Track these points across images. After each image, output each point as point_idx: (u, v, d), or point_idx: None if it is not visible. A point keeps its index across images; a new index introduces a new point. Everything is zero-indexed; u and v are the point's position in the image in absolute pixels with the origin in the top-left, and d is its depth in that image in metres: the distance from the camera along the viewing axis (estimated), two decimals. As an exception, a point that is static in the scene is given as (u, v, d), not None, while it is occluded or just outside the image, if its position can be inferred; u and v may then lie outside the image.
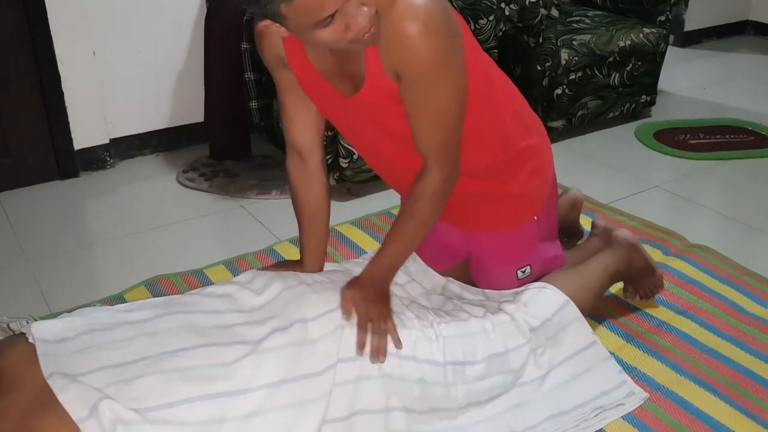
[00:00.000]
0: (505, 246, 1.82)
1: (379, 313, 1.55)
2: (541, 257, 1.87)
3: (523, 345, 1.66)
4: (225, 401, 1.38)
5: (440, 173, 1.49)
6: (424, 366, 1.55)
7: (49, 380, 1.32)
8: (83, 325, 1.47)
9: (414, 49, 1.34)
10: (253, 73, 3.00)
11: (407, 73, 1.38)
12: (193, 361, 1.41)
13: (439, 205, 1.55)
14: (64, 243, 2.51)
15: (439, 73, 1.38)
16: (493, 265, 1.84)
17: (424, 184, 1.51)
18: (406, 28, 1.33)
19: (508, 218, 1.79)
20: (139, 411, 1.32)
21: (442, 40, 1.36)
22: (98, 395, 1.31)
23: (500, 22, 2.94)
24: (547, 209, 1.85)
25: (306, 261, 1.79)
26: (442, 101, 1.42)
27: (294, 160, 1.71)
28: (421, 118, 1.45)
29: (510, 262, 1.83)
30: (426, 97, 1.41)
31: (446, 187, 1.52)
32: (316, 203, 1.74)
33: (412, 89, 1.41)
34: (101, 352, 1.41)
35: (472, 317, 1.69)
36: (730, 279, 2.24)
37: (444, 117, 1.45)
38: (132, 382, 1.35)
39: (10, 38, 2.71)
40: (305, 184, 1.72)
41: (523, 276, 1.84)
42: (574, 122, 3.31)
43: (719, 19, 4.94)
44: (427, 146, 1.48)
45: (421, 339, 1.57)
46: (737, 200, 2.83)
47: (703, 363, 1.88)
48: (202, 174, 2.97)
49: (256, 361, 1.44)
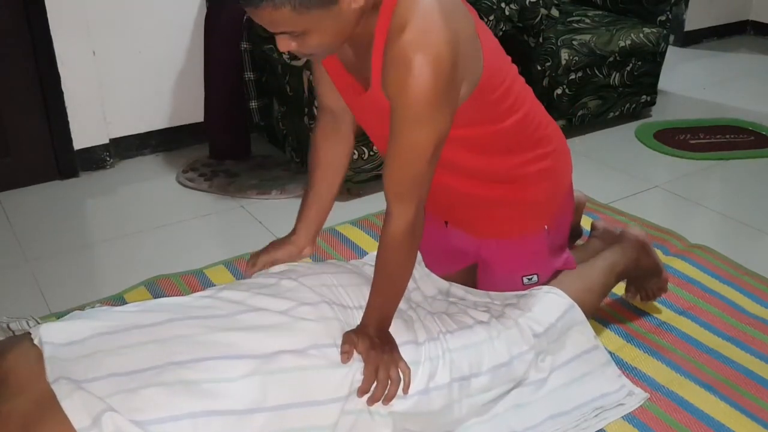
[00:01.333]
0: (513, 253, 1.79)
1: (389, 361, 1.48)
2: (550, 266, 1.84)
3: (527, 352, 1.66)
4: (228, 419, 1.36)
5: (403, 217, 1.43)
6: (432, 394, 1.53)
7: (54, 385, 1.30)
8: (91, 328, 1.44)
9: (409, 81, 1.32)
10: (253, 73, 3.00)
11: (395, 100, 1.36)
12: (200, 375, 1.38)
13: (408, 250, 1.49)
14: (64, 243, 2.51)
15: (426, 112, 1.35)
16: (499, 271, 1.83)
17: (389, 232, 1.45)
18: (408, 58, 1.31)
19: (518, 226, 1.76)
20: (141, 423, 1.29)
21: (440, 82, 1.33)
22: (102, 405, 1.28)
23: (500, 22, 2.94)
24: (559, 218, 1.82)
25: (300, 230, 1.73)
26: (419, 140, 1.38)
27: (326, 120, 1.69)
28: (393, 148, 1.40)
29: (517, 270, 1.81)
30: (405, 130, 1.37)
31: (412, 231, 1.45)
32: (337, 166, 1.71)
33: (395, 117, 1.37)
34: (108, 357, 1.38)
35: (477, 323, 1.67)
36: (730, 279, 2.24)
37: (417, 155, 1.39)
38: (136, 392, 1.32)
39: (9, 38, 2.71)
40: (333, 145, 1.69)
41: (528, 282, 1.82)
42: (574, 122, 3.31)
43: (719, 19, 4.94)
44: (392, 181, 1.43)
45: (428, 368, 1.54)
46: (737, 200, 2.83)
47: (703, 363, 1.88)
48: (202, 174, 2.97)
49: (265, 381, 1.41)
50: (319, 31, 1.30)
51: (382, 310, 1.54)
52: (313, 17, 1.26)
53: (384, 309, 1.54)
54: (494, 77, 1.52)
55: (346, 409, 1.46)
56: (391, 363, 1.48)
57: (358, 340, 1.48)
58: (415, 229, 1.46)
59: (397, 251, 1.48)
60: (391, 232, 1.45)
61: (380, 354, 1.48)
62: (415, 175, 1.41)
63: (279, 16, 1.25)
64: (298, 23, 1.27)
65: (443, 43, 1.32)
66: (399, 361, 1.50)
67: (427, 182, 1.44)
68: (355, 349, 1.48)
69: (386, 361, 1.48)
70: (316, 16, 1.26)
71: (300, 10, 1.24)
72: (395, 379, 1.48)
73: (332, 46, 1.37)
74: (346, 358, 1.46)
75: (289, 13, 1.24)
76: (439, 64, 1.32)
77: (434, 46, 1.31)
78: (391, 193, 1.44)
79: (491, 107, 1.55)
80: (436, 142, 1.39)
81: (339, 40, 1.35)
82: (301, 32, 1.30)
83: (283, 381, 1.42)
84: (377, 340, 1.49)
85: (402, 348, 1.53)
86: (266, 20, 1.28)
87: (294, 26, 1.28)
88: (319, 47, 1.35)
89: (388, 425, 1.50)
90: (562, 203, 1.82)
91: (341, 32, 1.33)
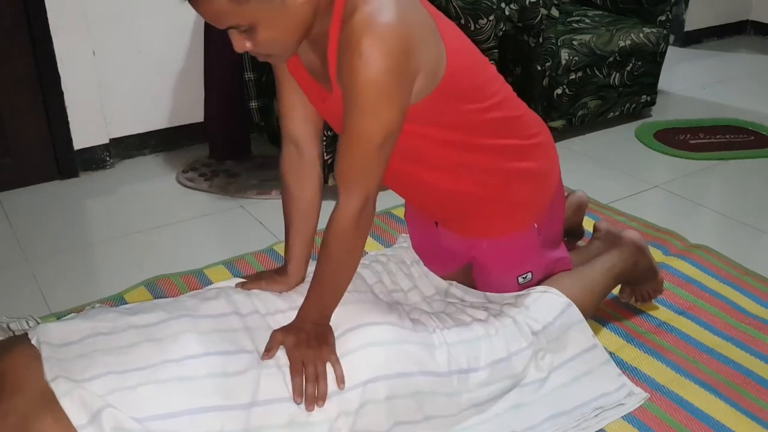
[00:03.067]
0: (504, 252, 1.79)
1: (315, 356, 1.45)
2: (543, 263, 1.84)
3: (526, 348, 1.66)
4: (225, 415, 1.37)
5: (350, 205, 1.40)
6: (419, 378, 1.52)
7: (53, 384, 1.31)
8: (88, 328, 1.46)
9: (357, 65, 1.29)
10: (253, 73, 3.00)
11: (346, 89, 1.34)
12: (196, 371, 1.39)
13: (351, 242, 1.45)
14: (63, 243, 2.51)
15: (375, 99, 1.32)
16: (493, 271, 1.82)
17: (333, 221, 1.43)
18: (357, 41, 1.28)
19: (506, 224, 1.76)
20: (140, 420, 1.31)
21: (390, 66, 1.30)
22: (101, 403, 1.30)
23: (500, 22, 2.93)
24: (549, 216, 1.82)
25: (291, 267, 1.69)
26: (368, 126, 1.34)
27: (290, 152, 1.64)
28: (343, 136, 1.38)
29: (510, 269, 1.80)
30: (354, 116, 1.34)
31: (357, 223, 1.42)
32: (309, 199, 1.66)
33: (345, 105, 1.35)
34: (106, 356, 1.39)
35: (475, 321, 1.68)
36: (730, 279, 2.24)
37: (365, 142, 1.36)
38: (135, 389, 1.34)
39: (9, 38, 2.71)
40: (299, 178, 1.65)
41: (524, 282, 1.81)
42: (574, 122, 3.31)
43: (719, 19, 4.94)
44: (341, 169, 1.41)
45: (414, 351, 1.54)
46: (737, 200, 2.83)
47: (703, 363, 1.88)
48: (202, 174, 2.97)
49: (261, 375, 1.42)
50: (266, 25, 1.28)
51: (320, 303, 1.51)
52: (255, 9, 1.25)
53: (323, 302, 1.52)
54: (464, 77, 1.49)
55: (343, 405, 1.46)
56: (317, 358, 1.45)
57: (285, 338, 1.47)
58: (360, 221, 1.42)
59: (340, 241, 1.45)
60: (335, 221, 1.43)
61: (305, 350, 1.45)
62: (363, 164, 1.38)
63: (218, 7, 1.24)
64: (242, 16, 1.25)
65: (393, 27, 1.30)
66: (329, 355, 1.47)
67: (376, 173, 1.40)
68: (279, 344, 1.46)
69: (311, 357, 1.44)
70: (257, 7, 1.25)
71: (240, 1, 1.23)
72: (321, 373, 1.44)
73: (287, 44, 1.35)
74: (266, 356, 1.44)
75: (227, 4, 1.23)
76: (388, 47, 1.29)
77: (383, 28, 1.29)
78: (339, 181, 1.42)
79: (463, 108, 1.53)
80: (386, 132, 1.36)
81: (292, 37, 1.33)
82: (248, 26, 1.28)
83: (275, 375, 1.44)
84: (304, 336, 1.47)
85: None
86: (209, 14, 1.27)
87: (238, 19, 1.26)
88: (272, 44, 1.32)
89: (383, 412, 1.49)
90: (551, 201, 1.80)
91: (292, 28, 1.31)
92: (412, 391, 1.52)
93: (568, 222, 2.11)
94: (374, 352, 1.51)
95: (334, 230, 1.44)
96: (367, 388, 1.47)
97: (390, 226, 2.52)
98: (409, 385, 1.51)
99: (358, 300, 1.63)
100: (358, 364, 1.48)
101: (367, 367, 1.49)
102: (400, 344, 1.53)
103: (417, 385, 1.52)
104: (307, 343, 1.46)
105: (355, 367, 1.48)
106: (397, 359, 1.51)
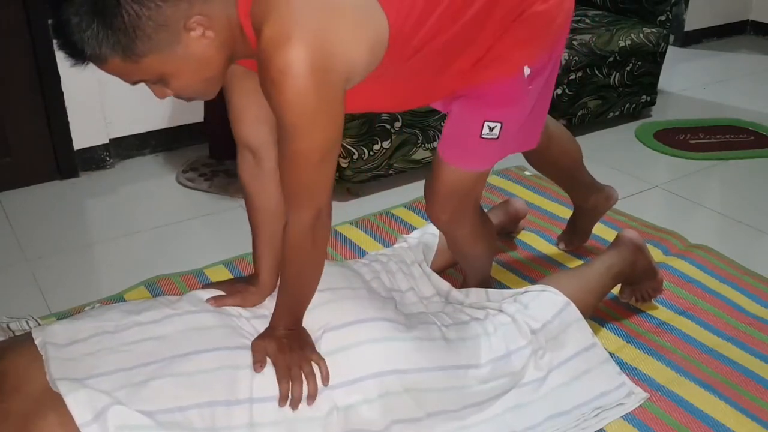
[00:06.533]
0: (485, 91, 1.56)
1: (299, 358, 1.45)
2: (517, 120, 1.61)
3: (525, 347, 1.66)
4: (233, 409, 1.38)
5: (301, 222, 1.35)
6: (414, 375, 1.52)
7: (58, 383, 1.31)
8: (93, 327, 1.47)
9: (272, 93, 1.21)
10: (252, 73, 3.00)
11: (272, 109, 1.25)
12: (203, 365, 1.41)
13: (310, 257, 1.43)
14: (64, 243, 2.51)
15: (299, 120, 1.22)
16: (465, 110, 1.60)
17: (288, 237, 1.39)
18: (266, 68, 1.19)
19: (497, 63, 1.52)
20: (150, 414, 1.31)
21: (304, 84, 1.18)
22: (107, 400, 1.30)
23: (500, 22, 2.93)
24: (545, 63, 1.58)
25: (262, 278, 1.63)
26: (301, 148, 1.26)
27: (246, 160, 1.56)
28: (279, 158, 1.31)
29: (482, 108, 1.57)
30: (285, 137, 1.26)
31: (314, 236, 1.38)
32: (272, 209, 1.57)
33: (277, 125, 1.27)
34: (112, 354, 1.40)
35: (473, 320, 1.69)
36: (731, 279, 2.24)
37: (303, 163, 1.29)
38: (144, 384, 1.35)
39: (9, 38, 2.71)
40: (261, 188, 1.56)
41: (488, 134, 1.58)
42: (574, 122, 3.31)
43: (719, 19, 4.94)
44: (285, 189, 1.35)
45: (417, 347, 1.54)
46: (737, 200, 2.83)
47: (703, 363, 1.88)
48: (202, 174, 2.97)
49: (267, 372, 1.44)
50: (173, 75, 1.22)
51: (290, 309, 1.51)
52: (154, 63, 1.18)
53: (292, 309, 1.51)
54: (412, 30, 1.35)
55: (338, 402, 1.47)
56: (302, 359, 1.45)
57: (266, 345, 1.47)
58: (316, 234, 1.38)
59: (297, 255, 1.41)
60: (289, 237, 1.39)
61: (289, 354, 1.45)
62: (306, 183, 1.32)
63: (116, 68, 1.18)
64: (144, 72, 1.19)
65: (298, 46, 1.18)
66: (311, 354, 1.47)
67: (323, 186, 1.34)
68: (263, 353, 1.45)
69: (296, 359, 1.45)
70: (156, 60, 1.18)
71: (133, 59, 1.16)
72: (309, 373, 1.44)
73: (204, 85, 1.28)
74: (260, 367, 1.43)
75: (122, 63, 1.16)
76: (297, 68, 1.18)
77: (286, 51, 1.17)
78: (286, 199, 1.37)
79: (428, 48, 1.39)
80: (321, 148, 1.28)
81: (204, 77, 1.26)
82: (158, 79, 1.22)
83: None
84: (285, 341, 1.47)
85: None
86: (113, 74, 1.20)
87: (142, 75, 1.20)
88: (188, 89, 1.27)
89: (379, 409, 1.49)
90: (551, 42, 1.58)
91: (201, 69, 1.24)
92: (408, 388, 1.52)
93: (587, 215, 2.14)
94: (366, 349, 1.51)
95: (290, 245, 1.40)
96: (358, 385, 1.47)
97: (390, 226, 2.52)
98: (404, 382, 1.51)
99: (352, 296, 1.63)
100: (351, 362, 1.49)
101: (360, 364, 1.49)
102: (394, 341, 1.53)
103: (413, 382, 1.52)
104: (290, 347, 1.46)
105: (348, 364, 1.48)
106: (391, 356, 1.52)
